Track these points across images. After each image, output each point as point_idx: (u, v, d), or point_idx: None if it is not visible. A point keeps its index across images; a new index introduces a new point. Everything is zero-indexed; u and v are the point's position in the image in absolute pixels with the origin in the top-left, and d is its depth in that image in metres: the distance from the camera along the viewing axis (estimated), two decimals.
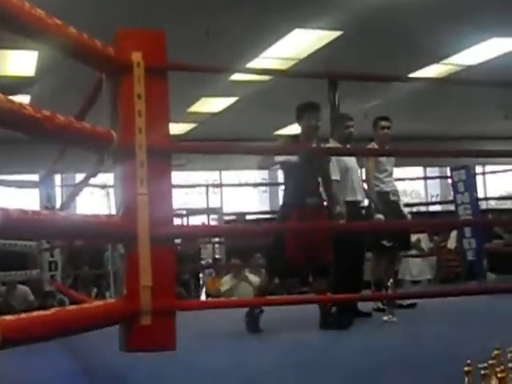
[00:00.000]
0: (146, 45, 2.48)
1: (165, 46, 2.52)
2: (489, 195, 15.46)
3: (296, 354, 3.93)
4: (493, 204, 15.88)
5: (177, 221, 12.24)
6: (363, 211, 5.92)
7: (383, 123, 5.98)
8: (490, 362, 2.08)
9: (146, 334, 2.39)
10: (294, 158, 4.90)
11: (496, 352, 2.14)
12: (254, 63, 9.20)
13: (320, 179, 5.13)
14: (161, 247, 2.42)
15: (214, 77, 9.40)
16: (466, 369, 2.01)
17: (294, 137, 5.17)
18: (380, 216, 5.58)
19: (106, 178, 5.39)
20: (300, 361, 3.68)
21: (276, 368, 3.51)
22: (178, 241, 9.47)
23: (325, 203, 5.15)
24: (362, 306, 5.66)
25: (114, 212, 2.53)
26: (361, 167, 5.89)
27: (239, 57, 8.51)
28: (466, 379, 2.01)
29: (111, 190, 6.89)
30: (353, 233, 5.18)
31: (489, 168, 13.92)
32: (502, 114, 13.26)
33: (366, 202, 5.96)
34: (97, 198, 12.87)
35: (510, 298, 5.46)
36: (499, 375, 2.02)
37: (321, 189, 5.13)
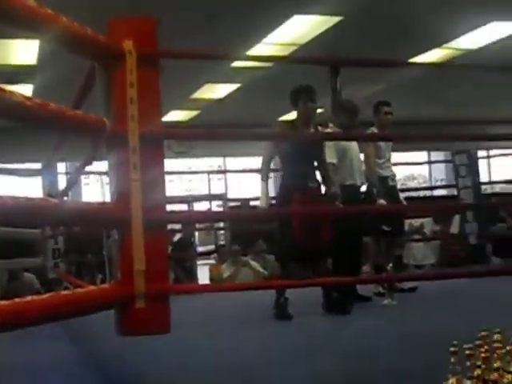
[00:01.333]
0: (137, 33, 2.50)
1: (155, 33, 2.55)
2: (495, 179, 15.43)
3: (295, 338, 3.99)
4: (498, 189, 15.85)
5: (181, 207, 12.32)
6: (362, 196, 5.93)
7: (386, 108, 5.97)
8: (477, 342, 2.12)
9: (141, 317, 2.43)
10: (285, 145, 4.92)
11: (483, 333, 2.18)
12: (256, 49, 9.21)
13: (316, 163, 5.17)
14: (154, 232, 2.46)
15: (216, 63, 9.40)
16: (451, 349, 2.05)
17: (291, 122, 5.17)
18: (382, 201, 5.60)
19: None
20: (298, 344, 3.74)
21: (274, 352, 3.56)
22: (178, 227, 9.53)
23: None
24: (363, 290, 5.70)
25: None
26: (360, 152, 5.91)
27: (240, 43, 8.52)
28: (452, 359, 2.05)
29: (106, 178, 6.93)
30: (353, 217, 5.20)
31: (494, 152, 13.85)
32: (506, 97, 13.21)
33: (364, 187, 5.96)
34: (101, 186, 12.96)
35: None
36: (483, 355, 2.06)
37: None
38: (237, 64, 9.79)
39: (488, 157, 13.75)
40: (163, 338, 2.59)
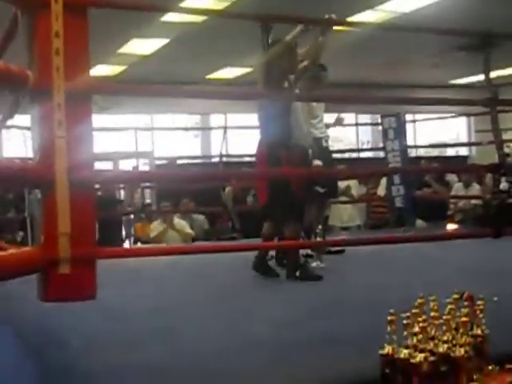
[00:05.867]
0: None
1: None
2: (418, 143, 15.73)
3: (223, 302, 3.92)
4: (422, 152, 16.17)
5: (106, 165, 12.06)
6: None
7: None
8: (413, 311, 2.09)
9: (65, 282, 2.31)
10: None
11: (419, 301, 2.15)
12: (187, 3, 8.96)
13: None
14: (80, 193, 2.33)
15: (144, 17, 9.11)
16: (389, 318, 2.01)
17: None
18: (318, 162, 5.53)
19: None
20: (223, 309, 3.68)
21: (199, 314, 3.50)
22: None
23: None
24: None
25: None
26: None
27: None
28: (389, 328, 2.01)
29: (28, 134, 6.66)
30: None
31: (419, 117, 14.03)
32: (431, 63, 13.34)
33: None
34: (19, 143, 12.51)
35: (436, 245, 5.60)
36: (421, 324, 2.03)
37: None
38: (166, 18, 9.52)
39: (414, 121, 13.90)
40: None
